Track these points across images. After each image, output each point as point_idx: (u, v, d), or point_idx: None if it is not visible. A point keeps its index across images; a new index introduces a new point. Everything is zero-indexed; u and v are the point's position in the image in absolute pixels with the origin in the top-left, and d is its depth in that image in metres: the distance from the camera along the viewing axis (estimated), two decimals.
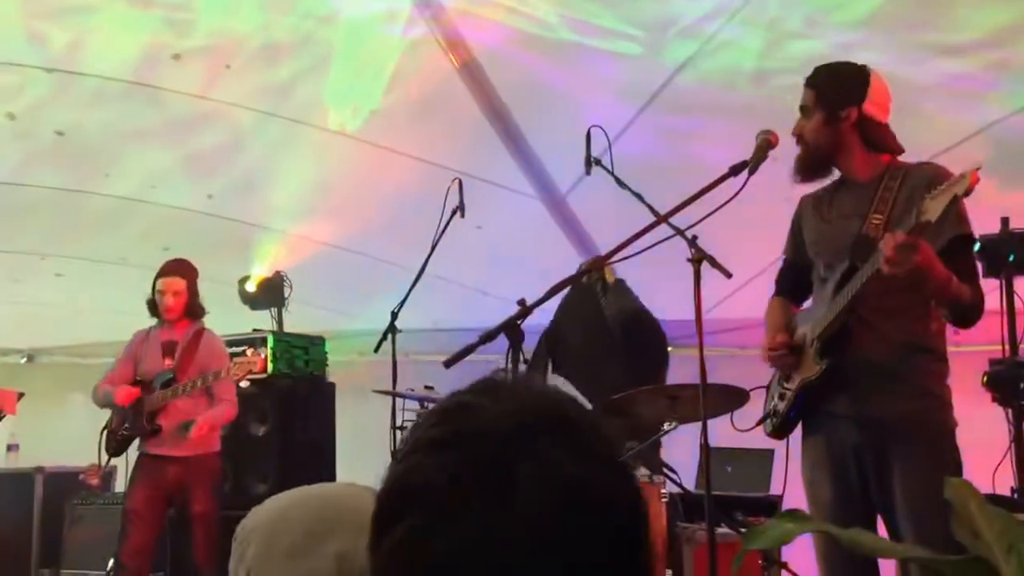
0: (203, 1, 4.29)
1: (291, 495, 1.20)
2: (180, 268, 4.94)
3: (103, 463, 5.06)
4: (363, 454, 5.84)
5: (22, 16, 4.18)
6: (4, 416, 4.59)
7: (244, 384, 4.97)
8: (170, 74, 4.56)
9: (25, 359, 8.46)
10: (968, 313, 2.61)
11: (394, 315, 4.30)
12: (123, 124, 5.09)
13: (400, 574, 0.77)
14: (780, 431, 2.84)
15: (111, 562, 5.32)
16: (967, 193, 2.23)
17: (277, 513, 1.15)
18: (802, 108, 2.77)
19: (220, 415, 4.83)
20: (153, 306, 4.96)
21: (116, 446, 4.95)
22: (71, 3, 4.18)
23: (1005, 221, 4.13)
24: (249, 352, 4.97)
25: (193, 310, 4.96)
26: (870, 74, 2.72)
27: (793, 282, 2.98)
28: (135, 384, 4.93)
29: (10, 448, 7.13)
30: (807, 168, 2.79)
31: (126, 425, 4.91)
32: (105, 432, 5.02)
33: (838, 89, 2.72)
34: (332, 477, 5.82)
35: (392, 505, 0.79)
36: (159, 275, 4.95)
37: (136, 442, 4.95)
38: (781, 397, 2.80)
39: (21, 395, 4.72)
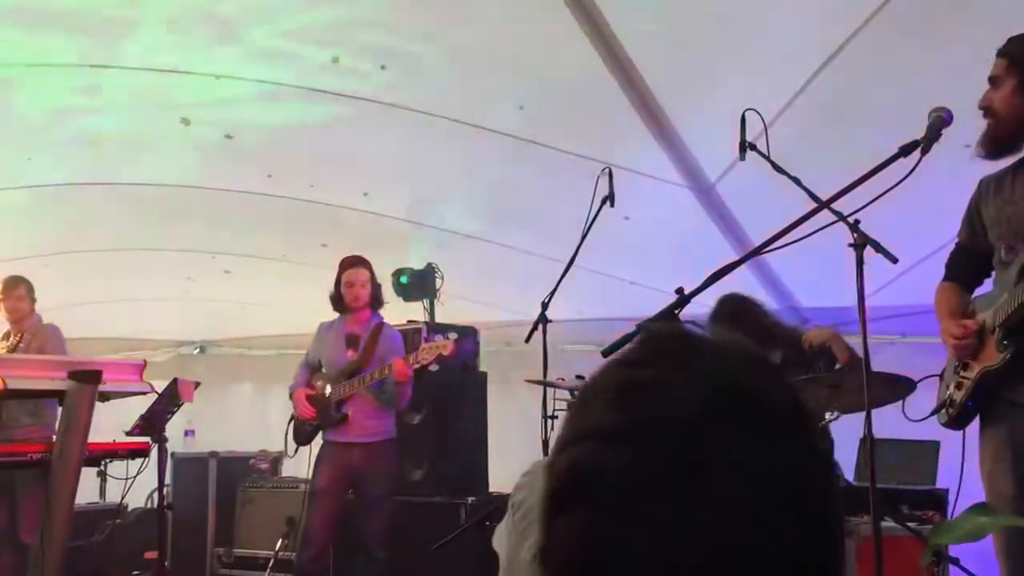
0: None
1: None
2: (362, 260, 5.24)
3: (291, 451, 5.42)
4: (514, 442, 5.94)
5: (195, 25, 4.42)
6: (183, 404, 4.86)
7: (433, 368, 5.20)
8: (329, 77, 4.73)
9: (198, 350, 8.86)
10: None
11: (544, 305, 4.35)
12: (284, 127, 5.32)
13: (573, 560, 0.73)
14: (956, 422, 2.73)
15: (279, 542, 5.66)
16: None
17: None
18: (991, 79, 2.62)
19: (407, 390, 5.14)
20: (338, 299, 5.25)
21: (306, 436, 5.29)
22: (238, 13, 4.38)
23: None
24: (439, 339, 5.16)
25: (376, 300, 5.26)
26: None
27: (965, 267, 2.84)
28: (318, 378, 5.28)
29: (187, 434, 7.49)
30: (995, 142, 2.63)
31: (312, 420, 5.23)
32: (292, 422, 5.36)
33: None
34: (484, 465, 5.94)
35: (567, 487, 0.74)
36: (344, 268, 5.24)
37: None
38: (958, 387, 2.69)
39: (197, 384, 4.98)
